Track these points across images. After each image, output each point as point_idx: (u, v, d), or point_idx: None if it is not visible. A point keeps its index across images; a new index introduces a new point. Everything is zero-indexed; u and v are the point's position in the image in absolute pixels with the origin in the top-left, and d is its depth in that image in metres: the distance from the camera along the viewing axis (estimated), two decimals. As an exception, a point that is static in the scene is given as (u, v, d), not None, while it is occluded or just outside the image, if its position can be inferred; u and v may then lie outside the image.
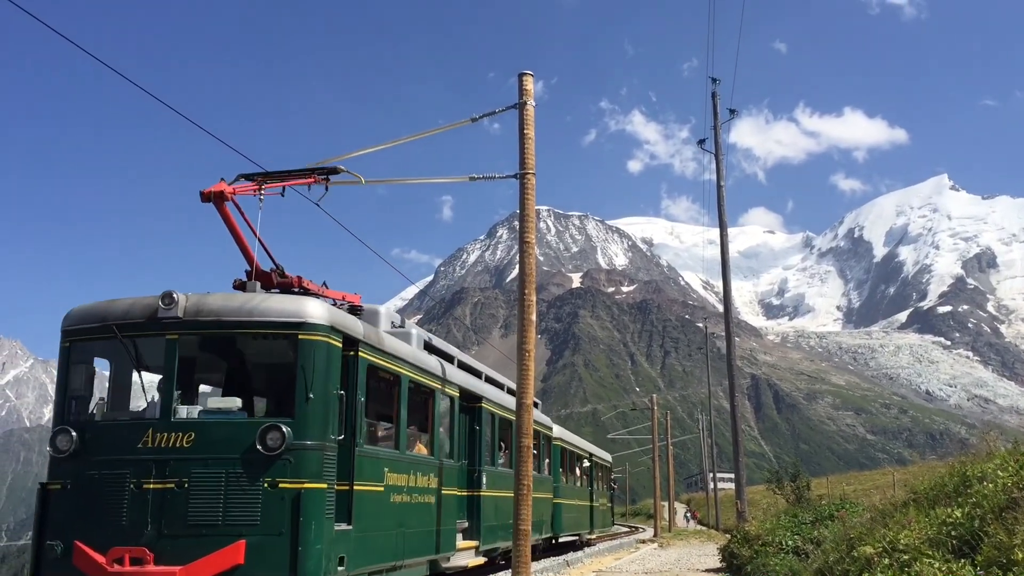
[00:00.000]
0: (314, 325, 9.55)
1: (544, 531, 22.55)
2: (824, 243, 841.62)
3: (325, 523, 9.18)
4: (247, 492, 8.85)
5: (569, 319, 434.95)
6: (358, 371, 10.39)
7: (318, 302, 9.93)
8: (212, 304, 9.51)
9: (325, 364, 9.59)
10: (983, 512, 7.68)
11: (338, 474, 9.71)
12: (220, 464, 8.94)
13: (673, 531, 49.40)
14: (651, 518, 58.09)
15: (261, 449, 8.95)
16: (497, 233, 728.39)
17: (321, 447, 9.31)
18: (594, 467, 34.04)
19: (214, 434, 9.13)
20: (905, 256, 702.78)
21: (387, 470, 11.04)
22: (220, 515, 8.78)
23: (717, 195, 25.00)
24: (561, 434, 26.73)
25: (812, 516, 16.78)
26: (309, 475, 9.08)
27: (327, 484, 9.31)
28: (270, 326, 9.57)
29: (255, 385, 11.37)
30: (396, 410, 11.89)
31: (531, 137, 12.18)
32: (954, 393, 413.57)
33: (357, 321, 10.64)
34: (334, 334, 9.79)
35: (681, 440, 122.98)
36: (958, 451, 13.75)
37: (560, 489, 25.39)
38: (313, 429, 9.30)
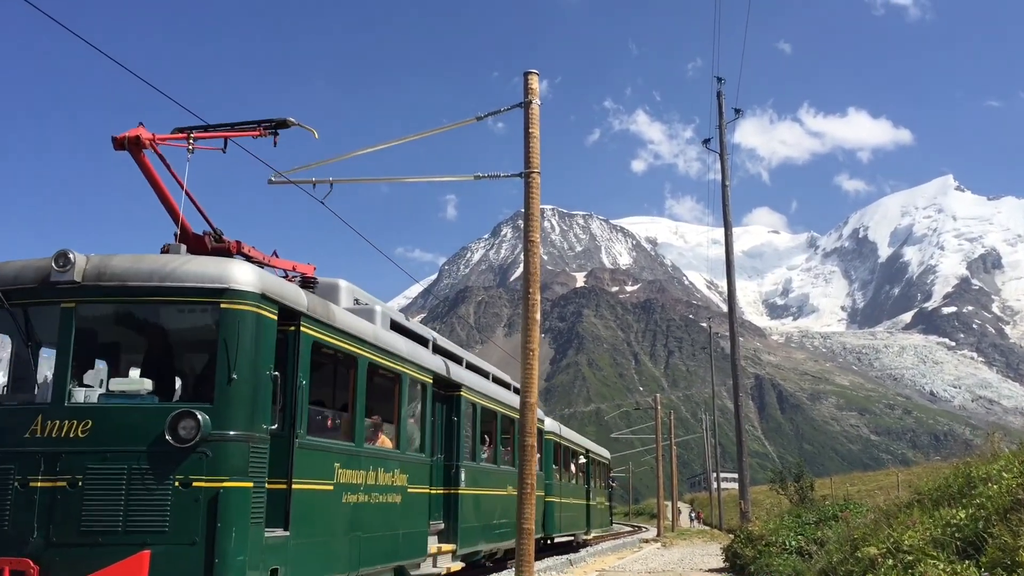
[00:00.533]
0: (240, 292, 8.06)
1: (537, 529, 21.03)
2: (829, 243, 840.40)
3: (250, 529, 7.74)
4: (154, 492, 7.45)
5: (573, 318, 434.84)
6: (299, 349, 8.90)
7: (247, 266, 8.43)
8: (117, 267, 8.02)
9: (254, 339, 8.09)
10: (987, 513, 7.67)
11: (271, 471, 8.29)
12: (122, 458, 7.51)
13: (676, 531, 49.38)
14: (654, 517, 58.08)
15: (171, 440, 7.52)
16: (501, 232, 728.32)
17: (247, 438, 7.86)
18: (591, 464, 32.80)
19: (116, 422, 7.65)
20: (910, 256, 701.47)
21: (338, 466, 9.61)
22: (121, 520, 7.40)
23: (722, 195, 25.00)
24: (554, 428, 25.66)
25: (816, 516, 16.74)
26: (230, 472, 7.63)
27: (254, 482, 7.86)
28: (186, 292, 8.07)
29: (169, 364, 9.57)
30: (352, 396, 10.39)
31: (536, 136, 12.17)
32: (958, 394, 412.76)
33: (299, 291, 9.17)
34: (266, 304, 8.31)
35: (684, 440, 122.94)
36: (962, 452, 13.71)
37: (553, 487, 24.08)
38: (237, 416, 7.84)
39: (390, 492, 11.25)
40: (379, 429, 11.51)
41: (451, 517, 14.11)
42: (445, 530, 14.00)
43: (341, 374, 10.93)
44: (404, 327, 13.00)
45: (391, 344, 11.61)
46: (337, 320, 9.90)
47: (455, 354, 15.67)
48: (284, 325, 8.71)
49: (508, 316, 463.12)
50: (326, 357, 10.18)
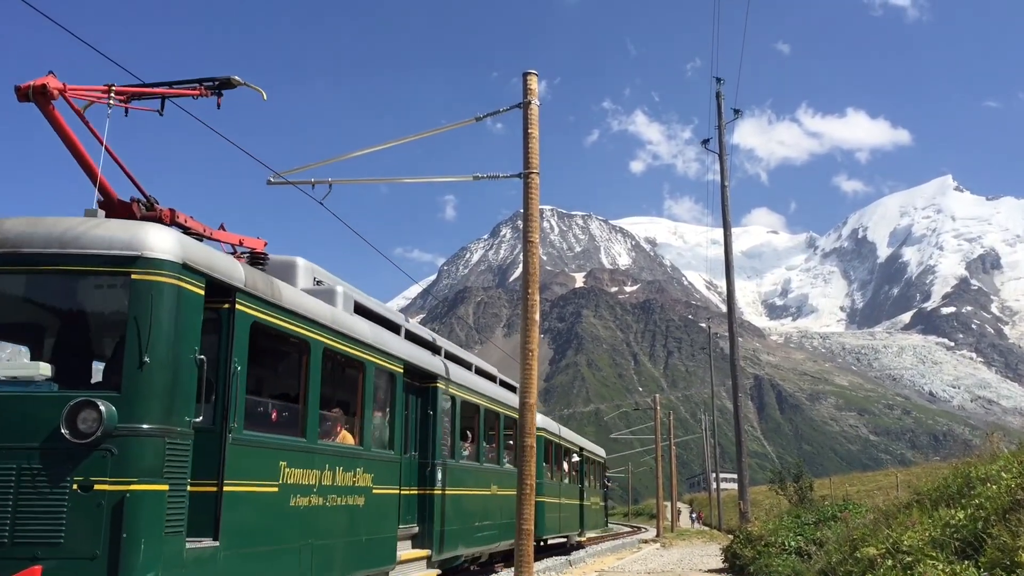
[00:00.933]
0: (155, 261, 6.90)
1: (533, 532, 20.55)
2: (828, 243, 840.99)
3: (165, 540, 6.59)
4: (47, 497, 6.34)
5: (572, 319, 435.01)
6: (234, 330, 7.75)
7: (166, 231, 7.23)
8: (9, 231, 6.94)
9: (173, 316, 6.94)
10: (987, 514, 7.65)
11: (198, 471, 7.21)
12: (9, 456, 6.40)
13: (676, 531, 49.39)
14: (653, 518, 58.09)
15: (69, 435, 6.40)
16: (500, 232, 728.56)
17: (162, 433, 6.70)
18: (585, 462, 31.58)
19: (4, 413, 6.56)
20: (909, 257, 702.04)
21: (285, 465, 8.44)
22: (7, 530, 6.30)
23: (721, 195, 24.99)
24: (546, 425, 24.45)
25: (815, 517, 16.72)
26: (141, 472, 6.48)
27: (171, 485, 6.72)
28: (90, 261, 6.92)
29: (75, 346, 8.09)
30: (304, 386, 9.17)
31: (535, 136, 12.16)
32: (957, 394, 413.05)
33: (235, 264, 8.04)
34: (189, 275, 7.16)
35: (684, 440, 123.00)
36: (961, 452, 13.72)
37: (544, 486, 22.85)
38: (149, 407, 6.68)
39: (351, 494, 10.10)
40: (339, 423, 10.42)
41: (426, 520, 13.04)
42: (420, 534, 12.98)
43: (291, 361, 9.73)
44: (371, 311, 11.89)
45: (353, 328, 10.43)
46: (284, 299, 8.72)
47: (432, 343, 14.57)
48: (216, 302, 7.64)
49: (507, 316, 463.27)
50: (271, 340, 9.02)
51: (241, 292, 7.91)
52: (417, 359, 12.73)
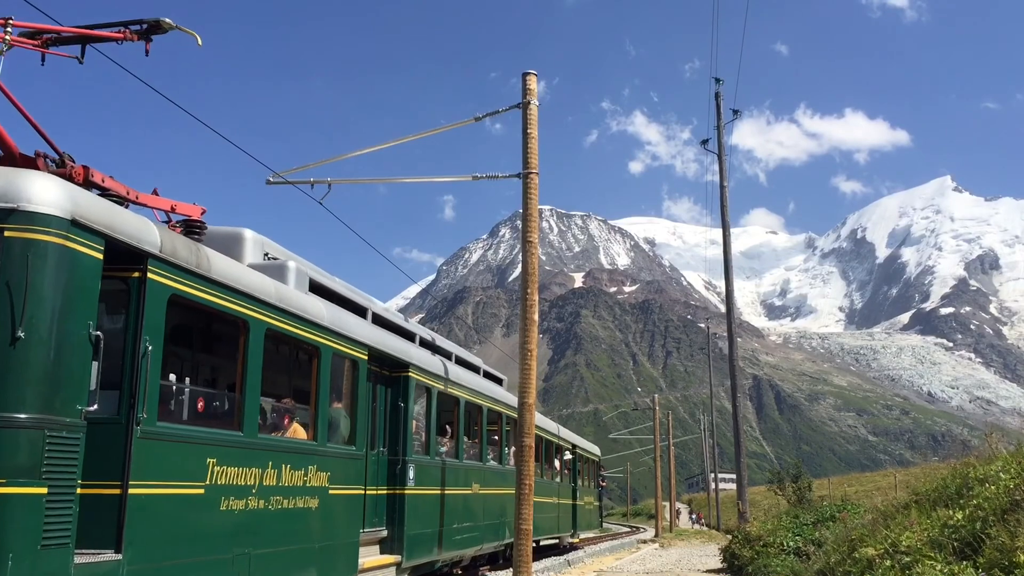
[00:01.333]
0: (34, 215, 5.77)
1: (509, 534, 18.26)
2: (826, 244, 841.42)
3: (42, 555, 5.45)
4: None
5: (571, 319, 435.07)
6: (145, 302, 6.60)
7: (53, 181, 6.04)
8: None
9: (58, 283, 5.80)
10: (985, 514, 7.65)
11: (93, 470, 6.12)
12: None
13: (674, 531, 49.41)
14: (652, 518, 58.12)
15: None
16: (499, 232, 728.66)
17: (40, 424, 5.59)
18: (578, 461, 30.48)
19: None
20: (908, 257, 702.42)
21: (214, 462, 7.31)
22: None
23: (720, 195, 24.99)
24: (537, 420, 23.87)
25: (813, 517, 16.73)
26: (11, 472, 5.41)
27: (51, 487, 5.59)
28: None
29: None
30: (241, 372, 8.00)
31: (534, 136, 12.16)
32: (956, 395, 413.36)
33: (148, 226, 6.87)
34: (84, 236, 6.04)
35: (682, 440, 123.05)
36: (960, 453, 13.72)
37: (536, 485, 22.24)
38: (22, 393, 5.55)
39: (301, 495, 8.93)
40: (289, 415, 9.32)
41: (396, 522, 11.93)
42: (389, 538, 11.91)
43: (225, 342, 8.55)
44: (330, 290, 10.82)
45: (304, 308, 9.25)
46: (215, 270, 7.55)
47: (405, 329, 13.51)
48: (122, 269, 6.55)
49: (506, 316, 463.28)
50: (197, 317, 7.99)
51: (155, 259, 6.76)
52: (385, 345, 11.68)
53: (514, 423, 19.27)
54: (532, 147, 12.09)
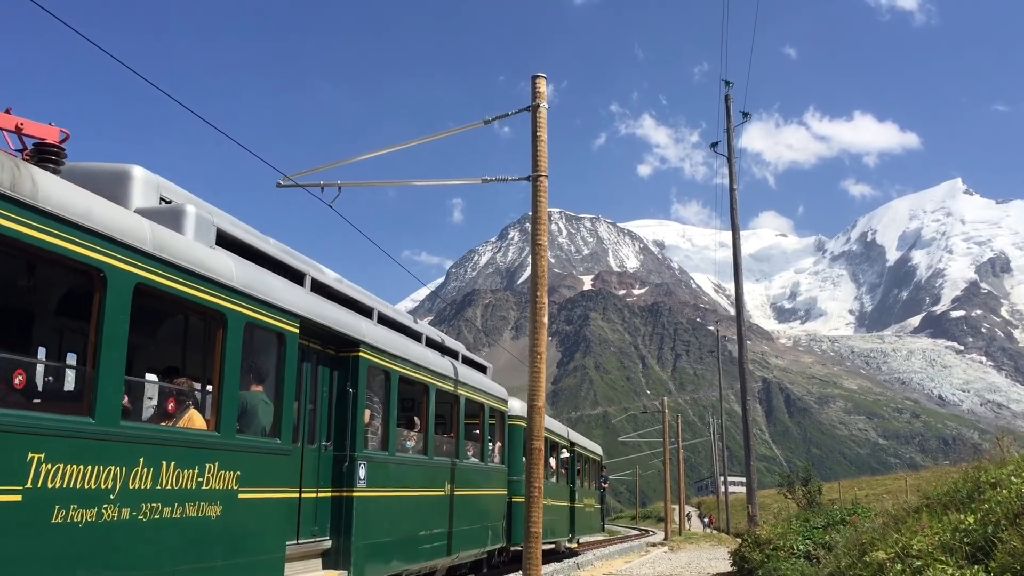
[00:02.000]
0: None
1: (492, 540, 16.72)
2: (837, 246, 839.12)
3: None
4: None
5: (580, 321, 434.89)
6: None
7: None
8: None
9: None
10: (997, 518, 7.61)
11: None
12: None
13: (684, 534, 49.29)
14: (661, 521, 58.03)
15: None
16: (508, 235, 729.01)
17: None
18: (577, 460, 28.70)
19: None
20: (918, 260, 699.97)
21: (40, 457, 5.45)
22: None
23: (730, 198, 24.92)
24: (525, 413, 21.55)
25: (824, 521, 16.64)
26: None
27: None
28: None
29: None
30: (94, 338, 6.12)
31: (544, 140, 12.14)
32: (967, 398, 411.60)
33: None
34: None
35: (692, 443, 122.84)
36: (971, 457, 13.68)
37: (521, 484, 18.53)
38: None
39: (194, 500, 7.09)
40: (183, 399, 7.63)
41: (343, 531, 10.00)
42: (334, 550, 10.04)
43: (68, 299, 7.12)
44: (249, 247, 8.99)
45: (201, 262, 7.40)
46: (45, 197, 5.67)
47: (356, 302, 11.54)
48: None
49: (515, 319, 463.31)
50: (19, 262, 6.55)
51: None
52: (326, 318, 9.71)
53: (500, 416, 17.89)
54: (541, 150, 12.07)
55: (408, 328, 13.44)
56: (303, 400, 9.42)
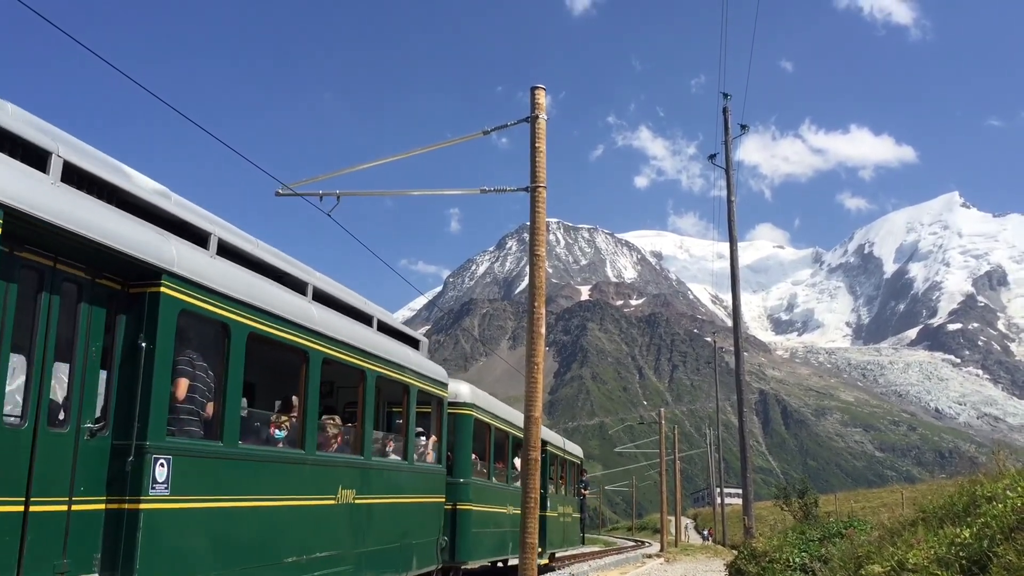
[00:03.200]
0: None
1: (420, 561, 13.20)
2: (834, 259, 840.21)
3: None
4: None
5: (577, 331, 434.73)
6: None
7: None
8: None
9: None
10: (992, 532, 7.62)
11: None
12: None
13: (680, 546, 49.19)
14: (657, 532, 57.92)
15: None
16: (506, 245, 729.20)
17: None
18: (551, 461, 24.66)
19: None
20: (915, 273, 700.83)
21: None
22: None
23: (728, 210, 24.98)
24: (479, 401, 17.15)
25: (820, 533, 16.60)
26: None
27: None
28: None
29: None
30: None
31: (542, 151, 12.16)
32: (964, 411, 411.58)
33: None
34: None
35: (688, 455, 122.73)
36: (967, 470, 13.68)
37: (470, 489, 16.00)
38: None
39: None
40: None
41: (122, 560, 6.59)
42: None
43: None
44: None
45: None
46: None
47: (172, 217, 7.98)
48: None
49: (513, 329, 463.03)
50: None
51: None
52: (77, 221, 6.31)
53: (437, 403, 14.60)
54: (540, 161, 12.09)
55: (286, 274, 9.89)
56: (36, 353, 6.13)
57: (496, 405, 19.11)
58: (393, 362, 12.23)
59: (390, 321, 13.08)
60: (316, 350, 9.73)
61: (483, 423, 17.43)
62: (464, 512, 15.79)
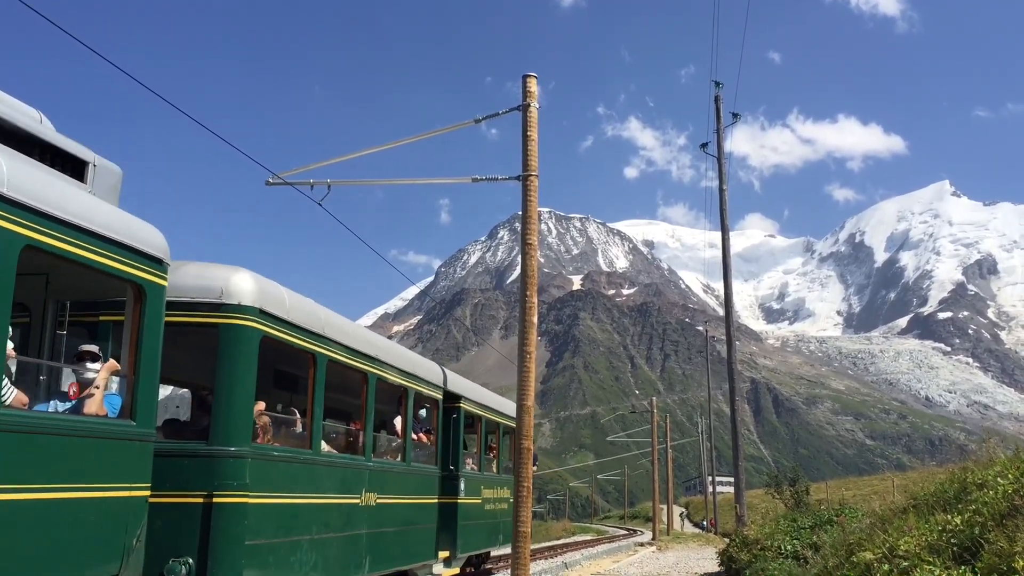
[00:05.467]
0: None
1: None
2: (825, 248, 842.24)
3: None
4: None
5: (569, 321, 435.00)
6: None
7: None
8: None
9: None
10: (983, 519, 7.64)
11: None
12: None
13: (672, 534, 49.40)
14: (649, 521, 58.11)
15: None
16: (498, 234, 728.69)
17: None
18: (470, 424, 17.17)
19: None
20: (906, 261, 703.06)
21: None
22: None
23: (719, 199, 24.98)
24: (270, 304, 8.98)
25: (811, 521, 16.68)
26: None
27: None
28: None
29: None
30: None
31: (534, 139, 12.13)
32: (954, 399, 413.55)
33: None
34: None
35: (680, 443, 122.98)
36: (957, 457, 13.75)
37: (299, 473, 9.61)
38: None
39: None
40: None
41: None
42: None
43: None
44: None
45: None
46: None
47: None
48: None
49: (504, 318, 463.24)
50: None
51: None
52: None
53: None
54: (532, 149, 12.06)
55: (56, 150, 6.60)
56: None
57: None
58: None
59: None
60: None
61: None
62: (250, 507, 8.77)
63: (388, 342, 13.50)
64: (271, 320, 8.80)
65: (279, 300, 9.07)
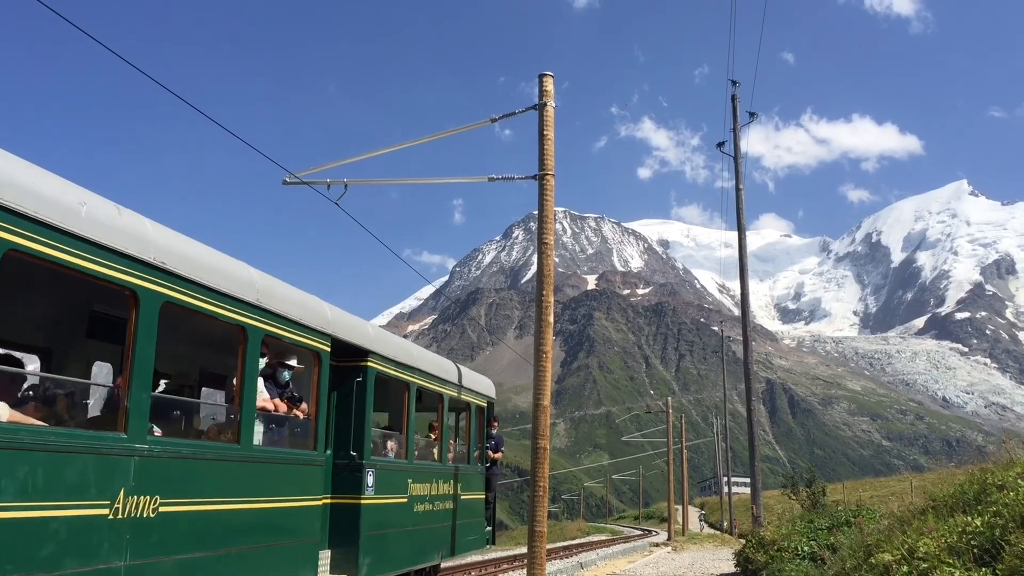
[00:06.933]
0: None
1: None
2: (841, 247, 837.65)
3: None
4: None
5: (584, 321, 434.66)
6: None
7: None
8: None
9: None
10: (1004, 521, 7.58)
11: None
12: None
13: (687, 535, 49.24)
14: (664, 521, 57.98)
15: None
16: (513, 234, 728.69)
17: None
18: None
19: None
20: (923, 261, 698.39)
21: None
22: None
23: (736, 198, 24.87)
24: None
25: (828, 522, 16.58)
26: None
27: None
28: None
29: None
30: None
31: (550, 138, 12.10)
32: (971, 400, 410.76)
33: None
34: None
35: (695, 444, 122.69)
36: (976, 459, 13.64)
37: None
38: None
39: None
40: None
41: None
42: None
43: None
44: None
45: None
46: None
47: None
48: None
49: (519, 318, 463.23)
50: None
51: None
52: None
53: None
54: (548, 149, 12.03)
55: None
56: None
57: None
58: None
59: None
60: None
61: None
62: None
63: None
64: None
65: None
